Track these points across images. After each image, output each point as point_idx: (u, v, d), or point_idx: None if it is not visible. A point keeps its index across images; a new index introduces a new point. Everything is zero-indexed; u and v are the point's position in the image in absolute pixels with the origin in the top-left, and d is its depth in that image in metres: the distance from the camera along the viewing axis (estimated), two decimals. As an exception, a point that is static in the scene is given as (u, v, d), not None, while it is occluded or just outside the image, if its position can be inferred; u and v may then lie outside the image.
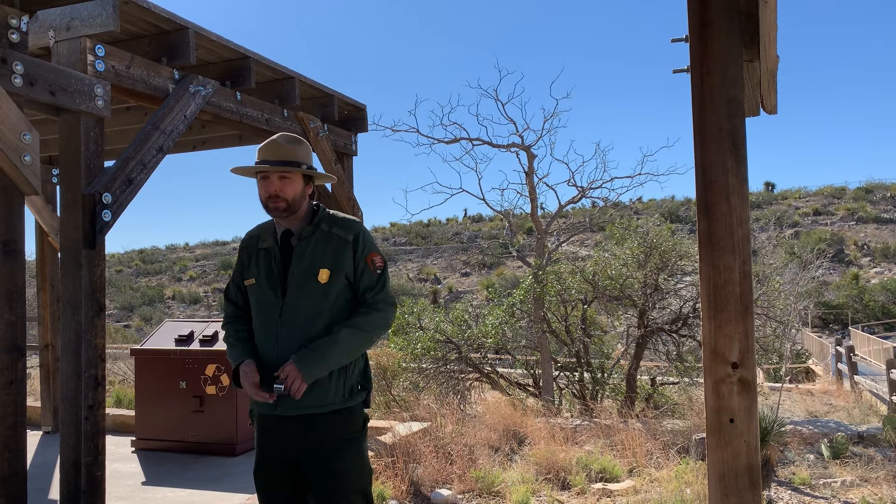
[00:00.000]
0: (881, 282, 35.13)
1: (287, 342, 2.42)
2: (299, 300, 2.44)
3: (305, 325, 2.43)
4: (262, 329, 2.48)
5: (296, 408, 2.41)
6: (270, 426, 2.48)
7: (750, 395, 2.33)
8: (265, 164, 2.45)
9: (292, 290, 2.45)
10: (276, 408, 2.42)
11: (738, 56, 2.24)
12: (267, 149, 2.49)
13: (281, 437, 2.45)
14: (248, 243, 2.61)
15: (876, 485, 5.03)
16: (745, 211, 2.28)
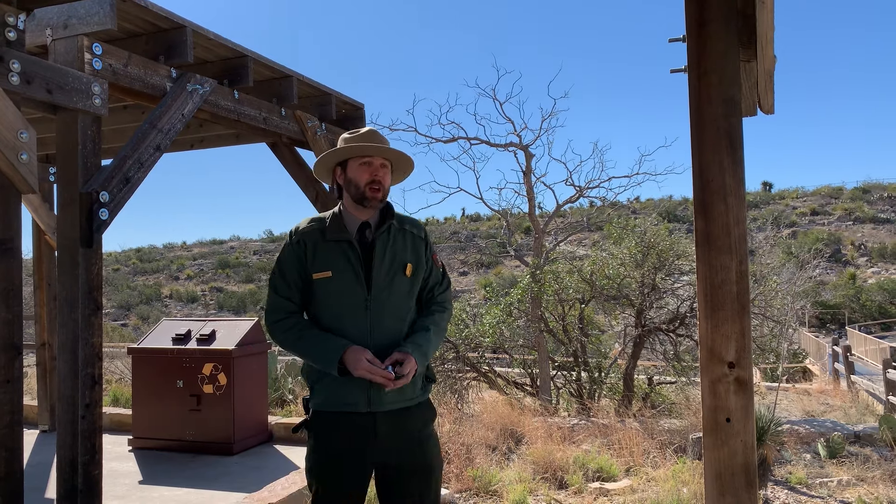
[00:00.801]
0: (878, 281, 35.20)
1: (380, 336, 2.37)
2: (388, 294, 2.40)
3: (395, 319, 2.42)
4: (348, 323, 2.37)
5: (392, 402, 2.35)
6: (357, 425, 2.35)
7: (746, 395, 2.34)
8: (373, 148, 2.42)
9: (379, 283, 2.40)
10: (369, 405, 2.33)
11: (735, 56, 2.25)
12: (370, 136, 2.46)
13: (368, 434, 2.35)
14: (309, 236, 2.45)
15: (872, 484, 5.05)
16: (741, 211, 2.28)
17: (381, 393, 2.33)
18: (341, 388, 2.34)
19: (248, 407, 6.23)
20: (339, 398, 2.35)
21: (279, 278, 2.46)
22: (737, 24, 2.25)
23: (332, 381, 2.37)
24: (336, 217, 2.48)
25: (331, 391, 2.37)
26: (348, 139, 2.48)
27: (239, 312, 40.66)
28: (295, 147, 5.89)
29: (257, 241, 60.79)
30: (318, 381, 2.42)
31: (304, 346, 2.37)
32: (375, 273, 2.39)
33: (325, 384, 2.39)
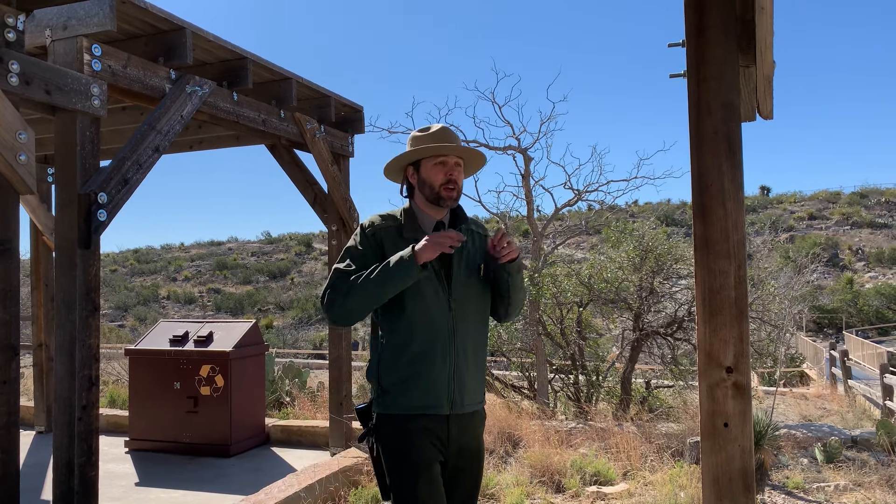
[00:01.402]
0: (875, 286, 35.25)
1: (463, 337, 2.34)
2: (467, 293, 2.38)
3: (476, 320, 2.41)
4: (429, 325, 2.31)
5: (470, 404, 2.35)
6: (435, 426, 2.31)
7: (744, 399, 2.34)
8: (448, 147, 2.37)
9: (459, 282, 2.36)
10: (451, 406, 2.31)
11: (734, 62, 2.25)
12: (443, 135, 2.42)
13: (444, 436, 2.33)
14: (385, 232, 2.39)
15: (869, 489, 5.05)
16: (740, 215, 2.28)
17: (463, 394, 2.32)
18: (427, 389, 2.29)
19: (245, 409, 6.22)
20: (421, 400, 2.30)
21: (353, 259, 2.34)
22: (736, 30, 2.26)
23: (418, 381, 2.30)
24: (410, 215, 2.43)
25: (412, 393, 2.30)
26: (420, 138, 2.43)
27: (237, 314, 40.62)
28: (294, 149, 5.89)
29: (255, 242, 60.76)
30: (398, 383, 2.33)
31: (378, 274, 2.24)
32: (455, 273, 2.36)
33: (407, 384, 2.31)
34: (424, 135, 2.43)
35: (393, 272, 2.23)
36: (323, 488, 4.53)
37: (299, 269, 50.88)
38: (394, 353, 2.33)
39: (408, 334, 2.31)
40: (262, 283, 48.54)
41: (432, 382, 2.29)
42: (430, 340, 2.30)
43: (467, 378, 2.34)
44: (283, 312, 41.70)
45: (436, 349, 2.29)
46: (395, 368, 2.32)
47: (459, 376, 2.31)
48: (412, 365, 2.30)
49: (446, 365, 2.30)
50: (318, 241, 53.69)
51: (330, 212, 5.92)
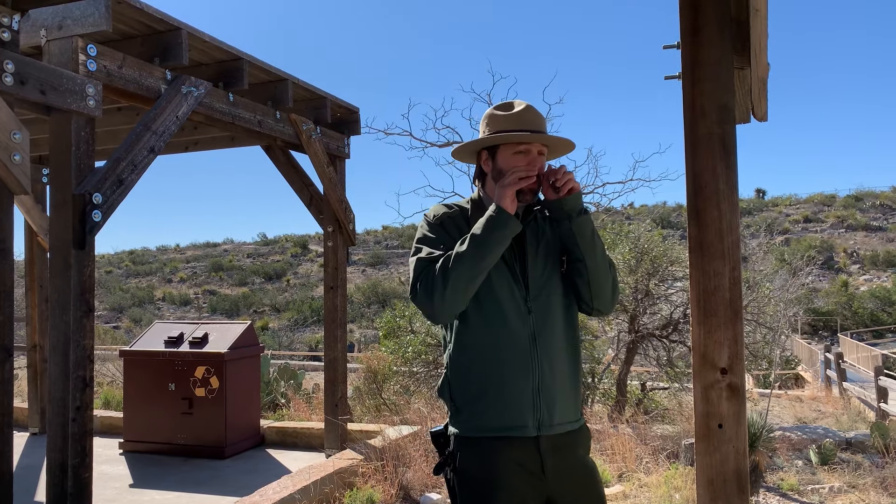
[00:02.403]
0: (870, 289, 35.37)
1: (545, 343, 1.99)
2: (549, 290, 2.03)
3: (561, 320, 2.05)
4: (506, 330, 1.97)
5: (561, 423, 1.98)
6: (522, 452, 1.94)
7: (739, 401, 2.34)
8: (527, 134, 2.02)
9: (537, 278, 2.02)
10: (538, 427, 1.94)
11: (729, 63, 2.26)
12: (526, 118, 2.04)
13: (536, 467, 1.95)
14: (451, 222, 2.08)
15: (863, 491, 5.06)
16: (735, 217, 2.29)
17: (553, 411, 1.96)
18: (507, 405, 1.94)
19: (240, 410, 6.20)
20: (502, 419, 1.94)
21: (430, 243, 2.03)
22: (731, 32, 2.27)
23: (492, 398, 1.95)
24: (478, 205, 2.10)
25: (489, 411, 1.95)
26: (500, 119, 2.05)
27: (232, 315, 40.56)
28: (290, 150, 5.89)
29: (251, 244, 60.69)
30: (470, 400, 1.98)
31: (470, 244, 1.91)
32: (531, 269, 2.02)
33: (481, 402, 1.96)
34: (505, 115, 2.05)
35: (487, 233, 1.90)
36: (318, 490, 4.52)
37: (295, 271, 50.83)
38: (465, 364, 2.00)
39: (480, 343, 1.98)
40: (257, 285, 48.48)
41: (513, 399, 1.94)
42: (507, 349, 1.95)
43: (557, 392, 1.97)
44: (278, 314, 41.66)
45: (515, 360, 1.95)
46: (468, 383, 1.98)
47: (546, 390, 1.95)
48: (487, 379, 1.95)
49: (529, 378, 1.94)
50: (314, 243, 53.66)
51: (326, 213, 5.91)
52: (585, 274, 2.02)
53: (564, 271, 2.06)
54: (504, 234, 1.91)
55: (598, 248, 2.03)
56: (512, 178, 1.94)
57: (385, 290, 41.74)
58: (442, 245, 2.00)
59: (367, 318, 36.93)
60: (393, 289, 42.23)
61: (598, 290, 2.05)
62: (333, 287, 5.92)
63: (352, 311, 37.51)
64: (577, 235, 1.99)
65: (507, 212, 1.91)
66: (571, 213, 1.99)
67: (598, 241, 2.04)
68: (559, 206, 1.99)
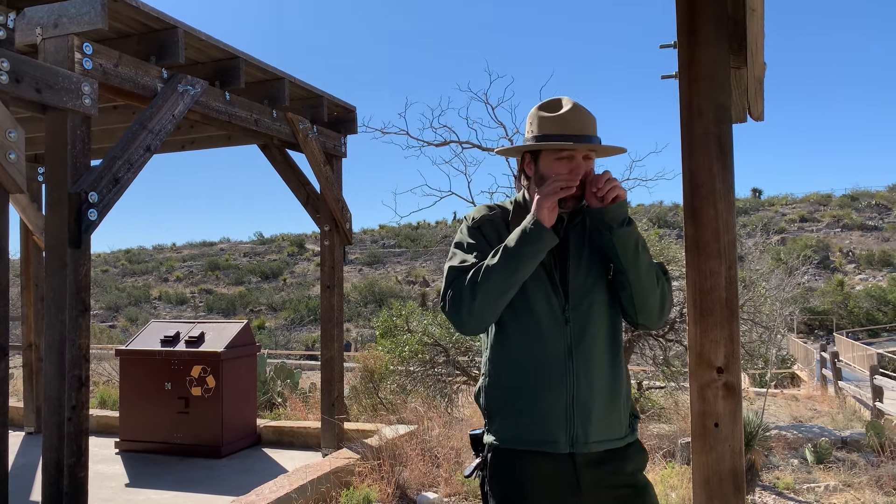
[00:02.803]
0: (865, 288, 35.47)
1: (583, 358, 1.87)
2: (591, 300, 1.90)
3: (602, 332, 1.91)
4: (541, 341, 1.87)
5: (598, 441, 1.86)
6: (553, 470, 1.86)
7: (735, 400, 2.35)
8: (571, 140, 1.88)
9: (578, 288, 1.90)
10: (571, 444, 1.84)
11: (725, 63, 2.26)
12: (572, 120, 1.90)
13: (569, 484, 1.86)
14: (490, 225, 1.98)
15: (859, 489, 5.07)
16: (731, 216, 2.29)
17: (588, 427, 1.84)
18: (536, 418, 1.85)
19: (236, 410, 6.20)
20: (531, 432, 1.85)
21: (465, 254, 1.93)
22: (727, 31, 2.27)
23: (522, 409, 1.87)
24: (520, 208, 1.99)
25: (522, 422, 1.87)
26: (543, 120, 1.92)
27: (228, 315, 40.50)
28: (286, 149, 5.88)
29: (247, 243, 60.61)
30: (501, 409, 1.91)
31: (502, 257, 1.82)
32: (573, 276, 1.91)
33: (512, 412, 1.89)
34: (550, 116, 1.92)
35: (519, 247, 1.81)
36: (314, 489, 4.52)
37: (292, 270, 50.77)
38: (498, 374, 1.92)
39: (513, 353, 1.89)
40: (254, 284, 48.42)
41: (544, 413, 1.84)
42: (540, 361, 1.86)
43: (593, 407, 1.85)
44: (275, 313, 41.61)
45: (548, 372, 1.85)
46: (500, 393, 1.91)
47: (582, 405, 1.84)
48: (518, 391, 1.87)
49: (562, 391, 1.84)
50: (310, 242, 53.60)
51: (322, 212, 5.91)
52: (628, 288, 1.90)
53: (611, 279, 1.93)
54: (538, 248, 1.81)
55: (642, 261, 1.88)
56: (551, 188, 1.82)
57: (382, 290, 41.72)
58: (476, 252, 1.91)
59: (363, 318, 36.91)
60: (390, 288, 42.22)
61: (643, 305, 1.92)
62: (330, 286, 5.92)
63: (348, 311, 37.50)
64: (617, 248, 1.86)
65: (543, 224, 1.81)
66: (612, 224, 1.86)
67: (644, 253, 1.89)
68: (600, 215, 1.86)
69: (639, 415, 2.02)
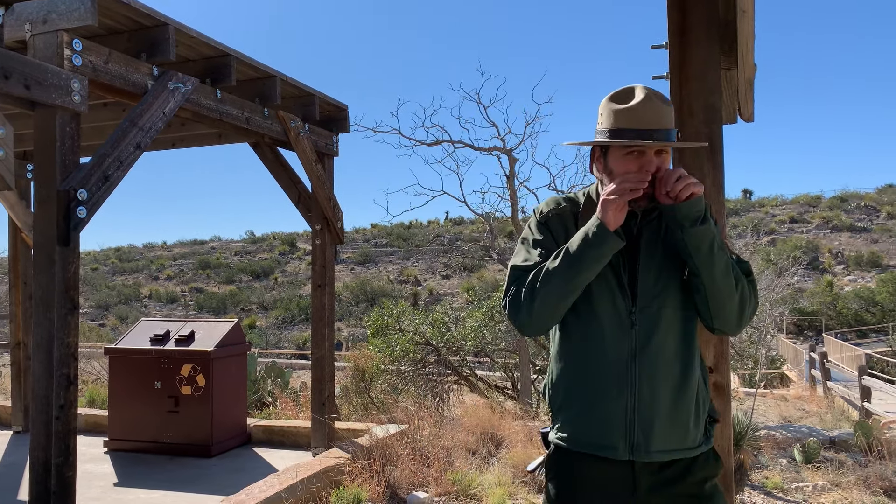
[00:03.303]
0: (854, 289, 35.71)
1: (648, 363, 1.77)
2: (661, 301, 1.80)
3: (671, 340, 1.80)
4: (603, 344, 1.79)
5: (663, 449, 1.76)
6: (610, 476, 1.79)
7: (724, 400, 2.36)
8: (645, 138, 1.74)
9: (647, 290, 1.80)
10: (631, 451, 1.76)
11: (716, 64, 2.27)
12: (643, 112, 1.75)
13: (624, 492, 1.80)
14: (558, 220, 1.89)
15: (847, 489, 5.11)
16: (721, 217, 2.30)
17: (650, 435, 1.76)
18: (594, 423, 1.79)
19: (226, 409, 6.17)
20: (588, 436, 1.80)
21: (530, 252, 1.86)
22: (718, 33, 2.27)
23: (582, 411, 1.81)
24: (592, 203, 1.88)
25: (579, 425, 1.82)
26: (614, 113, 1.78)
27: (219, 314, 40.36)
28: (277, 148, 5.86)
29: (238, 241, 60.41)
30: (562, 409, 1.85)
31: (563, 260, 1.75)
32: (642, 276, 1.80)
33: (572, 414, 1.83)
34: (620, 108, 1.78)
35: (581, 251, 1.73)
36: (304, 489, 4.51)
37: (283, 269, 50.64)
38: (560, 372, 1.87)
39: (574, 354, 1.83)
40: (245, 283, 48.27)
41: (602, 418, 1.78)
42: (600, 365, 1.79)
43: (657, 415, 1.76)
44: (266, 312, 41.50)
45: (608, 376, 1.77)
46: (561, 393, 1.87)
47: (644, 412, 1.76)
48: (577, 393, 1.82)
49: (623, 397, 1.76)
50: (302, 241, 53.48)
51: (314, 211, 5.89)
52: (703, 291, 1.77)
53: (686, 279, 1.81)
54: (601, 253, 1.72)
55: (718, 263, 1.74)
56: (619, 188, 1.71)
57: (373, 289, 41.68)
58: (542, 249, 1.83)
59: (355, 317, 36.86)
60: (381, 287, 42.17)
61: (719, 309, 1.78)
62: (321, 285, 5.90)
63: (340, 310, 37.42)
64: (690, 247, 1.73)
65: (608, 227, 1.71)
66: (684, 223, 1.72)
67: (721, 254, 1.75)
68: (672, 212, 1.73)
69: (718, 418, 1.95)
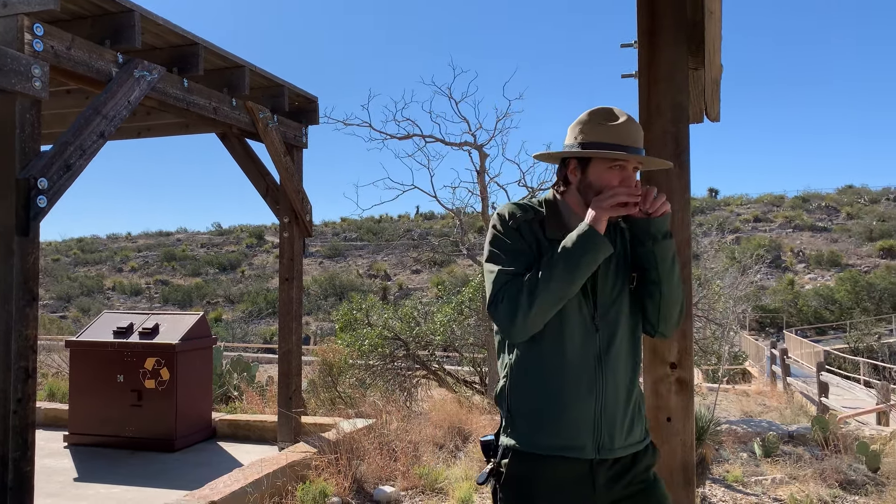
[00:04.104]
0: (814, 287, 36.58)
1: (611, 365, 1.87)
2: (618, 308, 1.90)
3: (627, 340, 1.92)
4: (571, 348, 1.86)
5: (623, 447, 1.87)
6: (574, 474, 1.86)
7: (687, 395, 2.40)
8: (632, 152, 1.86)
9: (607, 295, 1.90)
10: (598, 451, 1.84)
11: (684, 64, 2.30)
12: (626, 132, 1.87)
13: (586, 488, 1.86)
14: (531, 227, 1.93)
15: (804, 482, 5.24)
16: (686, 215, 2.34)
17: (613, 434, 1.86)
18: (564, 425, 1.85)
19: (191, 402, 6.09)
20: (558, 438, 1.85)
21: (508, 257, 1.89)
22: (686, 33, 2.30)
23: (550, 414, 1.86)
24: (554, 211, 1.96)
25: (548, 428, 1.86)
26: (597, 128, 1.89)
27: (184, 306, 39.79)
28: (246, 138, 5.79)
29: (205, 233, 59.56)
30: (527, 413, 1.90)
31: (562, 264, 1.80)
32: (602, 284, 1.90)
33: (539, 417, 1.87)
34: (604, 126, 1.89)
35: (580, 256, 1.79)
36: (270, 483, 4.47)
37: (250, 262, 50.10)
38: (527, 378, 1.91)
39: (544, 359, 1.88)
40: (211, 276, 47.63)
41: (574, 419, 1.84)
42: (572, 368, 1.86)
43: (618, 414, 1.87)
44: (232, 305, 41.03)
45: (579, 379, 1.85)
46: (528, 397, 1.89)
47: (609, 412, 1.85)
48: (549, 396, 1.87)
49: (592, 399, 1.84)
50: (270, 234, 52.96)
51: (282, 203, 5.84)
52: (658, 298, 1.90)
53: (633, 288, 1.94)
54: (596, 258, 1.81)
55: (675, 273, 1.91)
56: (613, 200, 1.80)
57: (342, 283, 41.47)
58: (520, 255, 1.88)
59: (323, 311, 36.65)
60: (350, 281, 41.98)
61: (668, 314, 1.93)
62: (289, 279, 5.85)
63: (308, 304, 37.17)
64: (658, 258, 1.87)
65: (601, 234, 1.80)
66: (657, 236, 1.87)
67: (677, 266, 1.92)
68: (646, 227, 1.86)
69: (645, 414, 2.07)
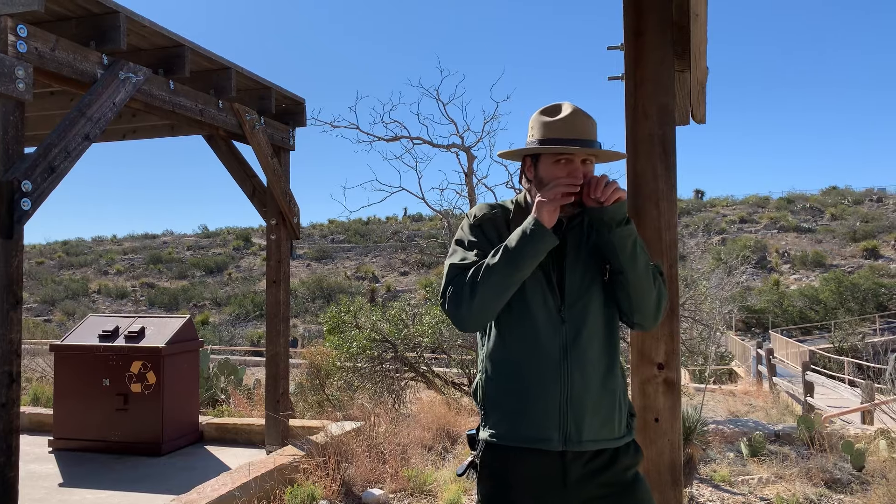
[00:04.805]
0: (799, 288, 36.88)
1: (578, 357, 1.89)
2: (586, 300, 1.92)
3: (598, 332, 1.93)
4: (538, 340, 1.89)
5: (592, 440, 1.88)
6: (542, 466, 1.88)
7: (674, 395, 2.41)
8: (574, 145, 1.90)
9: (574, 287, 1.93)
10: (564, 442, 1.86)
11: (670, 66, 2.31)
12: (572, 124, 1.92)
13: (555, 481, 1.88)
14: (491, 224, 2.01)
15: (790, 481, 5.28)
16: (673, 216, 2.35)
17: (581, 426, 1.87)
18: (530, 416, 1.88)
19: (177, 406, 6.05)
20: (525, 429, 1.89)
21: (466, 252, 1.96)
22: (672, 36, 2.32)
23: (517, 406, 1.90)
24: (521, 209, 2.03)
25: (515, 419, 1.90)
26: (543, 124, 1.95)
27: (171, 309, 39.51)
28: (232, 141, 5.76)
29: (191, 236, 59.19)
30: (497, 406, 1.94)
31: (503, 255, 1.85)
32: (569, 276, 1.93)
33: (507, 410, 1.92)
34: (549, 121, 1.94)
35: (521, 247, 1.84)
36: (258, 487, 4.45)
37: (237, 265, 49.82)
38: (494, 370, 1.96)
39: (509, 351, 1.93)
40: (198, 278, 47.32)
41: (538, 411, 1.88)
42: (535, 360, 1.89)
43: (587, 406, 1.88)
44: (219, 308, 40.77)
45: (543, 370, 1.88)
46: (496, 390, 1.95)
47: (575, 404, 1.87)
48: (513, 388, 1.91)
49: (556, 390, 1.87)
50: (257, 236, 52.70)
51: (269, 206, 5.81)
52: (627, 286, 1.91)
53: (607, 280, 1.94)
54: (538, 249, 1.84)
55: (640, 260, 1.90)
56: (554, 192, 1.86)
57: (330, 285, 41.33)
58: (477, 250, 1.94)
59: (311, 313, 36.50)
60: (338, 283, 41.86)
61: (640, 303, 1.93)
62: (276, 281, 5.83)
63: (295, 306, 37.02)
64: (617, 247, 1.88)
65: (545, 226, 1.84)
66: (612, 224, 1.87)
67: (642, 252, 1.91)
68: (599, 215, 1.88)
69: (635, 413, 2.07)
